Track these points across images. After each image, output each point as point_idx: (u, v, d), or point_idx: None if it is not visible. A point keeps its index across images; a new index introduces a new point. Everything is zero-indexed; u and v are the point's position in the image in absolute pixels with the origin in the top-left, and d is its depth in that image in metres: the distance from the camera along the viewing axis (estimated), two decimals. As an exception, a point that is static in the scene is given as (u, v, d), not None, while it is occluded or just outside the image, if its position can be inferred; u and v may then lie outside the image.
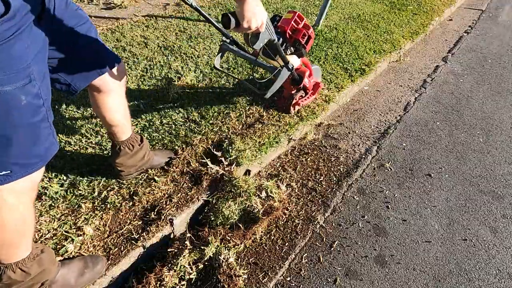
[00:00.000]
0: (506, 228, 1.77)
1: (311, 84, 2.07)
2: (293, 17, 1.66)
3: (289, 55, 1.74)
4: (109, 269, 1.25)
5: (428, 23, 4.10)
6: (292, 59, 1.76)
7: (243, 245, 1.50)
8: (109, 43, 2.47)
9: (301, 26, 1.71)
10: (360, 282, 1.47)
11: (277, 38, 1.46)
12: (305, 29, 1.70)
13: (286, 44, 1.71)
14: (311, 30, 1.72)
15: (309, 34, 1.71)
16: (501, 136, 2.47)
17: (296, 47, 1.74)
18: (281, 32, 1.69)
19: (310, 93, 2.15)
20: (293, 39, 1.71)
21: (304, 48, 1.73)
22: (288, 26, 1.66)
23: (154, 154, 1.59)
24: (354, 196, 1.86)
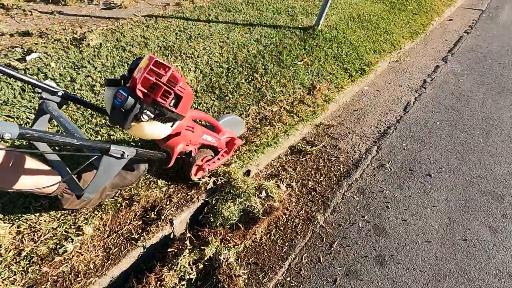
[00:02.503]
0: (506, 228, 1.77)
1: (222, 142, 1.64)
2: (147, 67, 1.07)
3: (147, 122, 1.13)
4: (109, 269, 1.25)
5: (428, 23, 4.10)
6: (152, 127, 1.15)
7: (243, 245, 1.50)
8: (109, 43, 2.47)
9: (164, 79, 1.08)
10: (360, 282, 1.47)
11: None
12: (171, 83, 1.10)
13: (142, 107, 1.07)
14: (180, 84, 1.10)
15: (175, 92, 1.10)
16: (501, 136, 2.47)
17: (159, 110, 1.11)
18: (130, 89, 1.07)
19: (222, 153, 1.71)
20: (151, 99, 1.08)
21: (171, 111, 1.13)
22: (140, 81, 1.06)
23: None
24: (354, 196, 1.86)
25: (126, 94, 1.05)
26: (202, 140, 1.48)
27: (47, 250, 1.25)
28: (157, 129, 1.16)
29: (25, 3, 2.87)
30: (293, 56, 2.78)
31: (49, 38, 2.38)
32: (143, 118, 1.09)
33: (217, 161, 1.67)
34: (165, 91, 1.09)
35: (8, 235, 1.26)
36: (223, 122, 1.65)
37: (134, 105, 1.06)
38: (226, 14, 3.34)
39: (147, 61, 1.09)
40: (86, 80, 2.08)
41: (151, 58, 1.09)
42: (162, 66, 1.09)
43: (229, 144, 1.70)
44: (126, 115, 1.05)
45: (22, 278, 1.17)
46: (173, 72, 1.09)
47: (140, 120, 1.09)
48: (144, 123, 1.11)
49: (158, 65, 1.08)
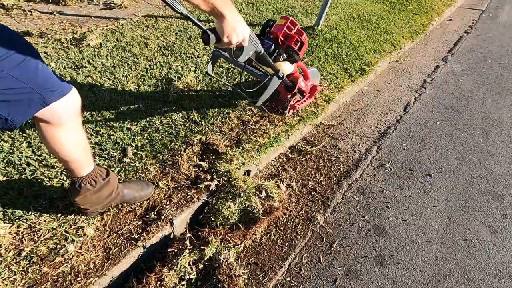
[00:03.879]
0: (506, 228, 1.77)
1: (308, 87, 2.07)
2: (286, 23, 1.62)
3: (282, 62, 1.70)
4: (109, 269, 1.25)
5: (428, 23, 4.10)
6: (284, 66, 1.74)
7: (243, 245, 1.50)
8: (109, 43, 2.47)
9: (293, 32, 1.66)
10: (360, 282, 1.47)
11: (262, 49, 1.43)
12: (298, 35, 1.65)
13: (279, 51, 1.64)
14: (304, 36, 1.65)
15: (301, 40, 1.65)
16: (501, 136, 2.47)
17: (289, 53, 1.67)
18: (273, 39, 1.64)
19: (307, 96, 2.15)
20: (286, 45, 1.65)
21: (297, 54, 1.67)
22: (281, 33, 1.62)
23: (126, 187, 1.41)
24: (354, 196, 1.86)
25: (270, 42, 1.62)
26: (300, 85, 1.91)
27: (47, 250, 1.25)
28: (286, 66, 1.76)
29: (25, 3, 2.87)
30: (293, 56, 2.78)
31: (49, 38, 2.38)
32: (280, 58, 1.65)
33: (304, 102, 2.16)
34: (296, 40, 1.63)
35: (8, 235, 1.26)
36: (310, 72, 2.08)
37: (275, 49, 1.62)
38: (226, 14, 3.34)
39: (284, 20, 1.64)
40: (86, 80, 2.08)
41: (287, 18, 1.64)
42: (291, 23, 1.65)
43: (311, 89, 2.12)
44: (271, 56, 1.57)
45: (22, 278, 1.17)
46: (299, 27, 1.68)
47: (278, 60, 1.64)
48: (281, 62, 1.69)
49: (291, 21, 1.65)
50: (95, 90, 2.04)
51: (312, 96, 2.18)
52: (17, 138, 1.65)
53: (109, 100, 1.99)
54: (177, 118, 1.96)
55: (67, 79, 2.04)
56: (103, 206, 1.34)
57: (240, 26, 1.13)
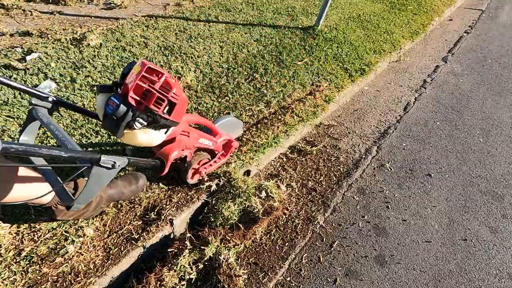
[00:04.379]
0: (506, 228, 1.77)
1: (219, 145, 1.63)
2: (140, 73, 1.04)
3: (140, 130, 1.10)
4: (109, 269, 1.25)
5: (428, 23, 4.10)
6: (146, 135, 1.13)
7: (243, 245, 1.50)
8: (109, 43, 2.47)
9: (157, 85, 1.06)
10: (360, 282, 1.47)
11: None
12: (164, 90, 1.07)
13: (134, 113, 1.04)
14: (174, 90, 1.08)
15: (169, 99, 1.08)
16: (501, 136, 2.47)
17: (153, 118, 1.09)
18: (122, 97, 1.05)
19: (219, 156, 1.68)
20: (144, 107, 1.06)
21: (165, 118, 1.11)
22: (131, 88, 1.03)
23: (110, 188, 1.33)
24: (354, 196, 1.86)
25: (118, 101, 1.02)
26: (198, 144, 1.46)
27: (47, 250, 1.25)
28: (150, 136, 1.14)
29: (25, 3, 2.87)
30: (293, 56, 2.78)
31: (49, 38, 2.38)
32: (135, 126, 1.06)
33: (213, 164, 1.65)
34: (158, 98, 1.06)
35: (8, 235, 1.26)
36: (219, 125, 1.64)
37: (126, 113, 1.03)
38: (226, 14, 3.34)
39: (140, 67, 1.05)
40: (86, 80, 2.08)
41: (144, 64, 1.05)
42: (155, 72, 1.06)
43: (226, 146, 1.69)
44: (118, 123, 1.02)
45: (22, 278, 1.17)
46: (167, 78, 1.07)
47: (133, 127, 1.06)
48: (137, 130, 1.08)
49: (151, 71, 1.05)
50: (95, 90, 2.04)
51: (228, 153, 1.71)
52: (17, 138, 1.64)
53: (109, 100, 1.99)
54: (177, 118, 1.96)
55: (67, 79, 2.04)
56: (92, 212, 1.30)
57: None
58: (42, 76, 2.01)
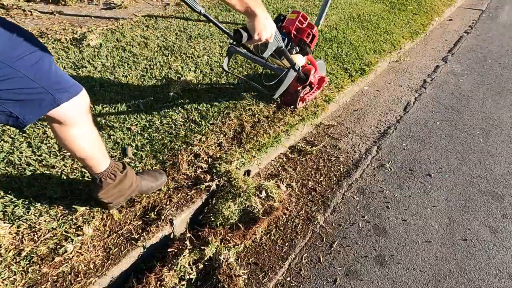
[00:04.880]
0: (506, 228, 1.77)
1: (316, 79, 2.14)
2: (297, 17, 1.70)
3: (295, 55, 1.79)
4: (109, 269, 1.25)
5: (428, 23, 4.10)
6: (297, 58, 1.80)
7: (243, 245, 1.50)
8: (109, 43, 2.47)
9: (305, 25, 1.74)
10: (360, 282, 1.47)
11: (283, 44, 1.51)
12: (309, 28, 1.73)
13: (292, 44, 1.74)
14: (315, 29, 1.74)
15: (313, 33, 1.74)
16: (501, 136, 2.47)
17: (301, 46, 1.77)
18: (286, 33, 1.72)
19: (315, 88, 2.21)
20: (298, 39, 1.74)
21: (309, 46, 1.77)
22: (293, 27, 1.70)
23: (142, 179, 1.46)
24: (354, 196, 1.86)
25: (283, 36, 1.66)
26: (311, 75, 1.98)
27: (47, 250, 1.25)
28: (299, 59, 1.82)
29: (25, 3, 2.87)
30: (293, 56, 2.78)
31: (49, 38, 2.38)
32: (293, 51, 1.77)
33: (312, 94, 2.23)
34: (308, 33, 1.72)
35: (8, 235, 1.26)
36: (318, 64, 2.11)
37: (288, 43, 1.70)
38: (226, 14, 3.34)
39: (295, 14, 1.71)
40: (86, 80, 2.08)
41: (298, 12, 1.72)
42: (302, 17, 1.73)
43: (319, 81, 2.19)
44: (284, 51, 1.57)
45: (22, 278, 1.17)
46: (309, 21, 1.76)
47: (291, 52, 1.75)
48: (294, 55, 1.77)
49: (302, 15, 1.72)
50: (95, 90, 2.04)
51: (320, 87, 2.24)
52: (17, 138, 1.65)
53: (109, 100, 1.99)
54: (177, 118, 1.96)
55: (67, 79, 2.04)
56: (125, 198, 1.38)
57: (269, 23, 1.24)
58: (42, 76, 2.01)
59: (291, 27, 1.71)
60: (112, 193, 1.30)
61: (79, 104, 1.06)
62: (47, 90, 0.94)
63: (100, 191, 1.27)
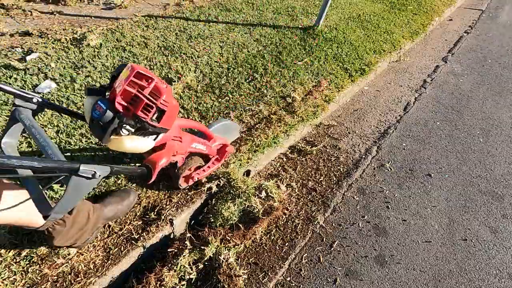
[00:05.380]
0: (506, 228, 1.77)
1: (214, 149, 1.58)
2: (128, 78, 0.99)
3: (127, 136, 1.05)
4: (109, 269, 1.25)
5: (428, 23, 4.10)
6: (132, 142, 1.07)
7: (243, 245, 1.50)
8: (109, 43, 2.47)
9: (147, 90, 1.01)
10: (360, 282, 1.47)
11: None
12: (154, 95, 1.03)
13: (121, 120, 0.99)
14: (163, 97, 1.03)
15: (158, 106, 1.03)
16: (501, 136, 2.47)
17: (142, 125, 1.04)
18: (110, 102, 1.00)
19: (213, 160, 1.63)
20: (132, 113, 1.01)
21: (153, 126, 1.06)
22: (120, 93, 0.99)
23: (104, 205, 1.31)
24: (354, 196, 1.86)
25: (105, 107, 0.98)
26: (191, 149, 1.42)
27: (47, 250, 1.25)
28: (138, 143, 1.08)
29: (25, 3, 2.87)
30: (293, 56, 2.78)
31: (49, 38, 2.38)
32: (122, 132, 1.01)
33: (207, 169, 1.59)
34: (147, 105, 1.01)
35: (8, 235, 1.26)
36: (214, 129, 1.60)
37: (113, 119, 0.98)
38: (226, 14, 3.34)
39: (128, 72, 1.00)
40: (86, 80, 2.07)
41: (133, 68, 1.00)
42: (144, 77, 1.01)
43: (221, 151, 1.65)
44: (104, 129, 0.97)
45: (22, 278, 1.17)
46: (157, 84, 1.02)
47: (120, 134, 1.01)
48: (124, 137, 1.03)
49: (141, 76, 1.00)
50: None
51: (222, 158, 1.66)
52: (17, 138, 1.64)
53: (109, 100, 1.99)
54: (177, 118, 1.96)
55: (67, 79, 2.04)
56: (90, 233, 1.24)
57: None
58: (42, 76, 2.01)
59: (116, 94, 0.99)
60: (71, 236, 1.14)
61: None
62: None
63: (54, 241, 1.11)
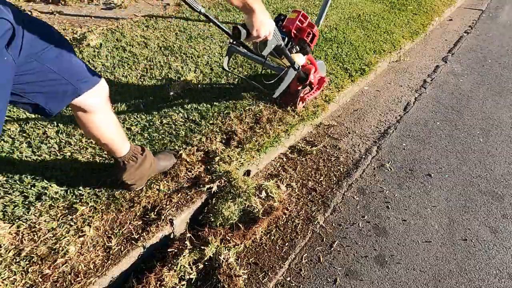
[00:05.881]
0: (506, 228, 1.77)
1: (316, 79, 2.14)
2: (298, 17, 1.69)
3: (295, 54, 1.79)
4: (109, 269, 1.25)
5: (428, 23, 4.10)
6: (297, 57, 1.80)
7: (243, 245, 1.50)
8: (109, 43, 2.47)
9: (305, 25, 1.74)
10: (360, 282, 1.47)
11: (283, 42, 1.51)
12: (310, 27, 1.73)
13: (292, 43, 1.73)
14: (315, 28, 1.74)
15: (313, 33, 1.74)
16: (501, 136, 2.47)
17: (301, 46, 1.76)
18: (287, 32, 1.71)
19: (315, 88, 2.21)
20: (298, 38, 1.73)
21: (309, 46, 1.77)
22: (293, 26, 1.69)
23: (158, 159, 1.57)
24: (354, 196, 1.86)
25: (284, 35, 1.65)
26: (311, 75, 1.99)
27: (47, 250, 1.25)
28: (299, 58, 1.81)
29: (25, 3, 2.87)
30: (293, 56, 2.78)
31: (49, 38, 2.38)
32: (293, 51, 1.76)
33: (312, 94, 2.23)
34: (308, 33, 1.72)
35: (8, 235, 1.26)
36: (318, 64, 2.10)
37: (288, 42, 1.69)
38: (226, 14, 3.34)
39: (296, 14, 1.71)
40: (86, 80, 2.07)
41: (298, 11, 1.72)
42: (303, 16, 1.72)
43: (319, 81, 2.19)
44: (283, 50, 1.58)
45: (22, 278, 1.17)
46: (309, 20, 1.75)
47: (292, 52, 1.74)
48: (293, 54, 1.77)
49: (303, 15, 1.71)
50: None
51: (320, 87, 2.24)
52: (17, 138, 1.65)
53: (109, 100, 1.99)
54: (177, 118, 1.96)
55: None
56: (145, 178, 1.49)
57: (267, 20, 1.25)
58: (42, 76, 2.01)
59: (291, 26, 1.70)
60: (135, 175, 1.39)
61: (99, 92, 1.14)
62: (69, 81, 1.01)
63: (124, 173, 1.36)
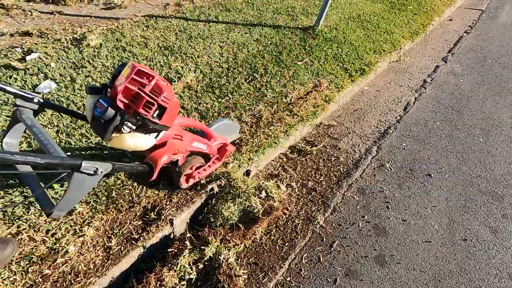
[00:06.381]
0: (506, 228, 1.77)
1: (214, 149, 1.59)
2: (129, 76, 1.01)
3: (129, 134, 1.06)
4: (109, 269, 1.25)
5: (428, 23, 4.10)
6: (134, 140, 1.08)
7: (243, 245, 1.50)
8: (109, 43, 2.47)
9: (148, 88, 1.02)
10: (360, 282, 1.47)
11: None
12: (154, 93, 1.03)
13: (123, 117, 1.00)
14: (164, 94, 1.03)
15: (159, 103, 1.03)
16: (501, 136, 2.47)
17: (143, 122, 1.05)
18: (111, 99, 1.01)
19: (213, 160, 1.65)
20: (133, 110, 1.03)
21: (154, 123, 1.07)
22: (121, 91, 1.01)
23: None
24: (354, 196, 1.86)
25: (106, 104, 0.99)
26: (191, 148, 1.42)
27: (47, 250, 1.25)
28: (139, 140, 1.10)
29: (25, 3, 2.87)
30: (293, 56, 2.78)
31: (49, 38, 2.38)
32: (124, 130, 1.02)
33: (208, 169, 1.60)
34: (148, 102, 1.02)
35: (8, 235, 1.26)
36: (215, 128, 1.60)
37: (114, 117, 0.99)
38: (226, 14, 3.34)
39: (129, 70, 1.02)
40: (86, 80, 2.07)
41: (134, 66, 1.02)
42: (145, 75, 1.02)
43: (221, 150, 1.65)
44: (106, 126, 0.99)
45: (22, 278, 1.17)
46: (157, 82, 1.03)
47: (122, 131, 1.02)
48: (125, 134, 1.04)
49: (141, 74, 1.02)
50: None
51: (222, 157, 1.66)
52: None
53: (109, 100, 1.99)
54: (177, 118, 1.96)
55: (67, 79, 2.04)
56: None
57: None
58: (42, 76, 2.01)
59: (118, 91, 1.01)
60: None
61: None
62: None
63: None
